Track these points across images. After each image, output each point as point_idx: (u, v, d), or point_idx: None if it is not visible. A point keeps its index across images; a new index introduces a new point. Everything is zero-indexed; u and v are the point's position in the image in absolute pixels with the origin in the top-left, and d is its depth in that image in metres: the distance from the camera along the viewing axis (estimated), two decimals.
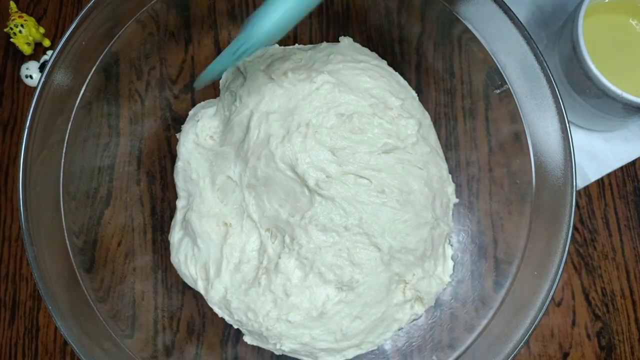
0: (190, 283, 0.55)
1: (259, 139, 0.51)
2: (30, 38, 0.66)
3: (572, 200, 0.48)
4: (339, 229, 0.50)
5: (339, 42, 0.60)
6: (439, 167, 0.56)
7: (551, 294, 0.47)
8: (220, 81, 0.59)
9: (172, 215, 0.59)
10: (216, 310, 0.53)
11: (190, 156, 0.56)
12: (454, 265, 0.57)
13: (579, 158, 0.61)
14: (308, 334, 0.51)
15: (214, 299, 0.53)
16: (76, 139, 0.54)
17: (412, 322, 0.55)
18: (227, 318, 0.54)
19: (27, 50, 0.66)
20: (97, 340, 0.50)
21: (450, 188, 0.57)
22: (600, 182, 0.64)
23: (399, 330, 0.54)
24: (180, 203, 0.57)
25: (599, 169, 0.63)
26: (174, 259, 0.55)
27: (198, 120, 0.57)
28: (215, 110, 0.57)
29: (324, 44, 0.59)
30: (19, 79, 0.67)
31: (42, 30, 0.67)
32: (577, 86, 0.56)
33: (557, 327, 0.60)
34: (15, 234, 0.63)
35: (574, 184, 0.48)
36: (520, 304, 0.50)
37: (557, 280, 0.47)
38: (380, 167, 0.51)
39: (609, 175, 0.64)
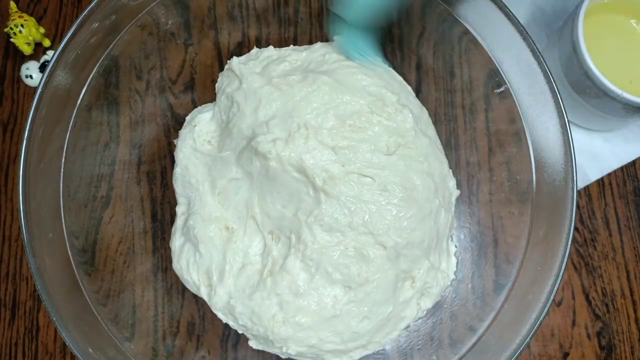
0: (193, 290, 0.55)
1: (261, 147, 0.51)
2: (30, 38, 0.66)
3: (573, 195, 0.48)
4: (344, 229, 0.50)
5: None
6: (440, 161, 0.56)
7: (553, 294, 0.47)
8: (216, 85, 0.59)
9: (172, 218, 0.59)
10: (220, 316, 0.53)
11: (188, 162, 0.56)
12: (457, 263, 0.57)
13: (579, 158, 0.61)
14: (315, 336, 0.51)
15: (218, 305, 0.53)
16: (77, 141, 0.54)
17: (417, 319, 0.55)
18: (231, 323, 0.53)
19: (27, 50, 0.66)
20: (101, 348, 0.50)
21: (452, 182, 0.57)
22: (600, 182, 0.64)
23: (405, 328, 0.54)
24: (180, 209, 0.57)
25: (599, 169, 0.63)
26: (175, 266, 0.55)
27: (195, 126, 0.57)
28: (211, 114, 0.57)
29: (319, 44, 0.59)
30: (19, 79, 0.67)
31: (42, 30, 0.67)
32: (577, 86, 0.57)
33: (557, 327, 0.60)
34: (15, 234, 0.63)
35: (575, 179, 0.48)
36: (521, 304, 0.50)
37: (559, 280, 0.47)
38: (382, 164, 0.51)
39: (609, 175, 0.64)
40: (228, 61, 0.59)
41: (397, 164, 0.52)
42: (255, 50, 0.60)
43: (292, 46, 0.60)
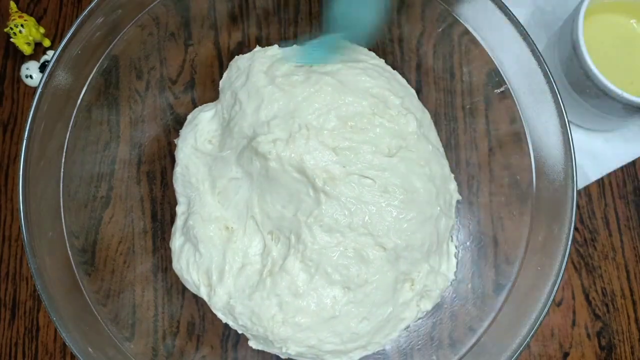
0: (193, 290, 0.55)
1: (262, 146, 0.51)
2: (30, 38, 0.66)
3: (573, 195, 0.48)
4: (344, 230, 0.50)
5: None
6: (441, 165, 0.56)
7: (553, 294, 0.47)
8: (221, 81, 0.59)
9: (172, 218, 0.59)
10: (220, 316, 0.53)
11: (188, 161, 0.56)
12: (456, 263, 0.57)
13: (579, 158, 0.61)
14: (314, 336, 0.50)
15: (218, 305, 0.53)
16: (77, 140, 0.54)
17: (417, 320, 0.55)
18: (231, 323, 0.53)
19: (27, 50, 0.66)
20: (101, 348, 0.50)
21: (453, 185, 0.57)
22: (600, 182, 0.64)
23: (405, 329, 0.54)
24: (180, 209, 0.57)
25: (599, 169, 0.63)
26: (175, 266, 0.55)
27: (197, 125, 0.57)
28: (213, 113, 0.57)
29: None
30: (19, 79, 0.67)
31: (42, 30, 0.67)
32: (577, 86, 0.57)
33: (557, 327, 0.60)
34: (15, 234, 0.63)
35: (575, 179, 0.48)
36: (521, 304, 0.50)
37: (559, 280, 0.47)
38: (383, 166, 0.51)
39: (609, 175, 0.64)
40: (236, 57, 0.59)
41: (398, 166, 0.52)
42: (258, 48, 0.60)
43: (295, 46, 0.60)
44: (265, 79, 0.54)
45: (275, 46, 0.59)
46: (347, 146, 0.51)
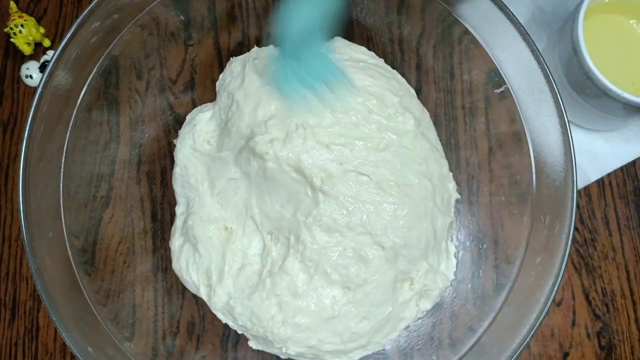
0: (192, 290, 0.55)
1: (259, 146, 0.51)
2: (30, 38, 0.66)
3: (573, 195, 0.48)
4: (342, 229, 0.50)
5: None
6: (440, 164, 0.56)
7: (553, 294, 0.47)
8: (217, 83, 0.59)
9: (172, 218, 0.59)
10: (220, 316, 0.53)
11: (187, 161, 0.56)
12: (456, 263, 0.57)
13: (579, 158, 0.61)
14: (314, 336, 0.50)
15: (217, 305, 0.53)
16: (77, 140, 0.54)
17: (417, 320, 0.55)
18: (231, 324, 0.53)
19: (27, 50, 0.66)
20: (101, 348, 0.50)
21: (451, 184, 0.57)
22: (600, 182, 0.64)
23: (405, 329, 0.54)
24: (179, 209, 0.57)
25: (599, 169, 0.63)
26: (175, 266, 0.55)
27: (195, 125, 0.57)
28: (211, 114, 0.57)
29: None
30: (19, 79, 0.67)
31: (42, 30, 0.67)
32: (577, 86, 0.56)
33: (557, 327, 0.60)
34: (16, 234, 0.63)
35: (575, 179, 0.48)
36: (521, 304, 0.50)
37: (559, 280, 0.47)
38: (378, 162, 0.51)
39: (609, 175, 0.64)
40: (231, 59, 0.59)
41: (393, 162, 0.52)
42: (255, 49, 0.60)
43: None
44: (261, 80, 0.54)
45: (271, 46, 0.59)
46: (342, 142, 0.51)
